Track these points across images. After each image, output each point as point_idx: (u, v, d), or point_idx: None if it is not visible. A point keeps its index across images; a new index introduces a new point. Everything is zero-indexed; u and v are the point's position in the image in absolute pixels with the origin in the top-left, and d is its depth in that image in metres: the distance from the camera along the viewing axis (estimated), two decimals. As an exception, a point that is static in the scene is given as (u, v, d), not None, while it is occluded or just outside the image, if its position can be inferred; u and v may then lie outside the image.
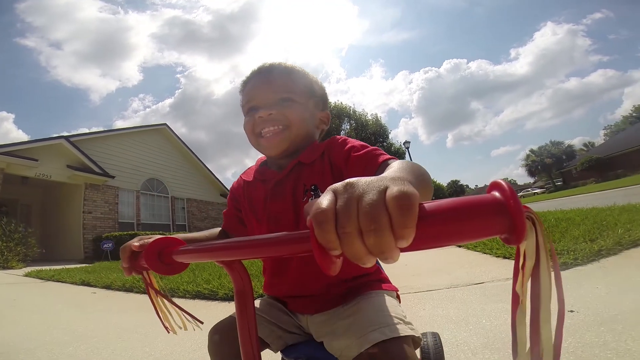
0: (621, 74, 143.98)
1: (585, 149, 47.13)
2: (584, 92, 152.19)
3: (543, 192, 35.15)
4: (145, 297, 3.37)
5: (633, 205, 4.39)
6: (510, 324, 0.27)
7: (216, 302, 2.80)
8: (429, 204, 0.23)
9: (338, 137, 0.72)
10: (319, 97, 0.78)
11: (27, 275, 5.58)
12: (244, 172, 0.83)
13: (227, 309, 2.31)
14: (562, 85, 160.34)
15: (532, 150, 45.41)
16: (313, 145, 0.74)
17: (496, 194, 0.23)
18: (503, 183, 0.24)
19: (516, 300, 0.27)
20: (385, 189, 0.23)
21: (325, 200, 0.24)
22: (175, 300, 2.47)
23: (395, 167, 0.42)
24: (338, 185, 0.25)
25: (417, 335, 0.56)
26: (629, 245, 2.44)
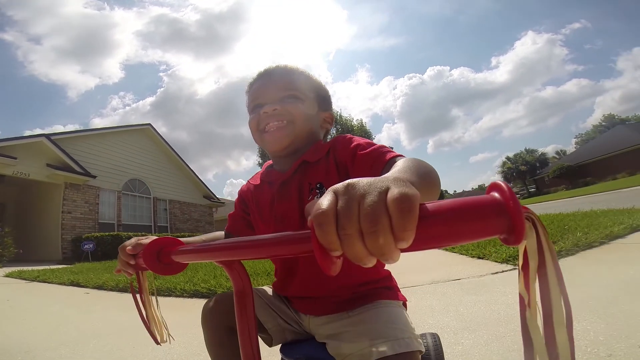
0: (594, 83, 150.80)
1: (557, 156, 49.30)
2: (558, 100, 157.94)
3: (518, 198, 36.57)
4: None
5: (594, 211, 4.85)
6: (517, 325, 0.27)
7: (214, 300, 2.93)
8: (430, 205, 0.24)
9: (344, 135, 0.72)
10: (323, 97, 0.80)
11: (8, 275, 5.45)
12: (252, 177, 0.84)
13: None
14: (538, 93, 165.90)
15: (507, 158, 47.21)
16: (317, 144, 0.74)
17: (496, 194, 0.23)
18: (502, 184, 0.24)
19: (522, 303, 0.27)
20: (387, 191, 0.24)
21: (325, 200, 0.24)
22: (173, 299, 2.66)
23: (399, 166, 0.41)
24: (339, 186, 0.26)
25: (422, 350, 0.56)
26: (584, 247, 2.79)
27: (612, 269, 2.21)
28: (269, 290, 0.79)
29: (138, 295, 0.59)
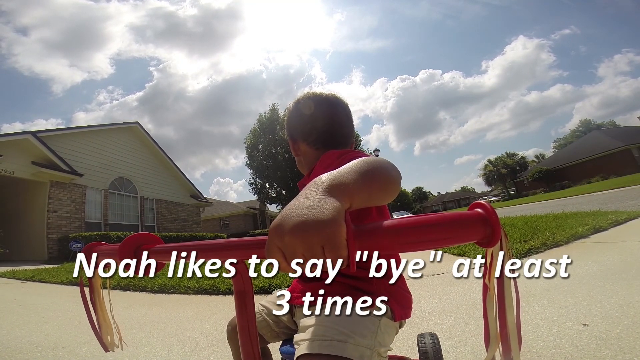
0: (576, 89, 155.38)
1: (536, 160, 50.99)
2: (541, 105, 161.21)
3: (498, 200, 37.51)
4: (147, 294, 3.48)
5: (564, 213, 5.29)
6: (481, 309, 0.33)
7: (219, 296, 3.05)
8: (435, 215, 0.30)
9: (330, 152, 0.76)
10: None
11: (1, 275, 5.43)
12: None
13: (230, 302, 2.59)
14: (523, 98, 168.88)
15: (489, 161, 48.48)
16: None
17: (480, 210, 0.30)
18: (485, 204, 0.31)
19: (485, 290, 0.34)
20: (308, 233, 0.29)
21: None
22: (178, 296, 2.88)
23: (340, 170, 0.37)
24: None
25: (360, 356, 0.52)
26: (552, 245, 3.14)
27: (571, 264, 2.55)
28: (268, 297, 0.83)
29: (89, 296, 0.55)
